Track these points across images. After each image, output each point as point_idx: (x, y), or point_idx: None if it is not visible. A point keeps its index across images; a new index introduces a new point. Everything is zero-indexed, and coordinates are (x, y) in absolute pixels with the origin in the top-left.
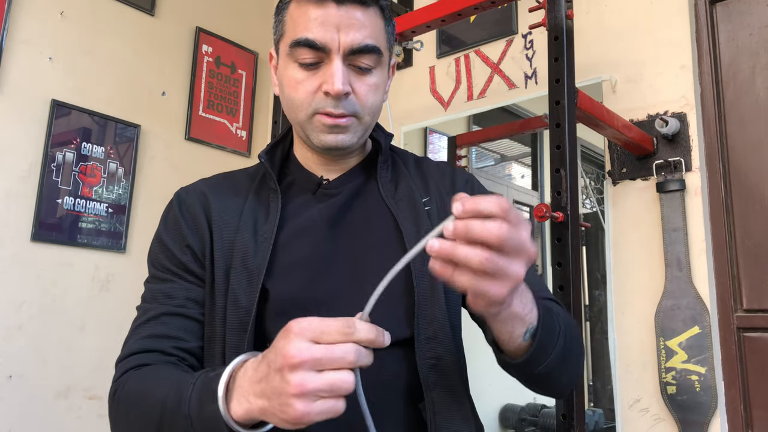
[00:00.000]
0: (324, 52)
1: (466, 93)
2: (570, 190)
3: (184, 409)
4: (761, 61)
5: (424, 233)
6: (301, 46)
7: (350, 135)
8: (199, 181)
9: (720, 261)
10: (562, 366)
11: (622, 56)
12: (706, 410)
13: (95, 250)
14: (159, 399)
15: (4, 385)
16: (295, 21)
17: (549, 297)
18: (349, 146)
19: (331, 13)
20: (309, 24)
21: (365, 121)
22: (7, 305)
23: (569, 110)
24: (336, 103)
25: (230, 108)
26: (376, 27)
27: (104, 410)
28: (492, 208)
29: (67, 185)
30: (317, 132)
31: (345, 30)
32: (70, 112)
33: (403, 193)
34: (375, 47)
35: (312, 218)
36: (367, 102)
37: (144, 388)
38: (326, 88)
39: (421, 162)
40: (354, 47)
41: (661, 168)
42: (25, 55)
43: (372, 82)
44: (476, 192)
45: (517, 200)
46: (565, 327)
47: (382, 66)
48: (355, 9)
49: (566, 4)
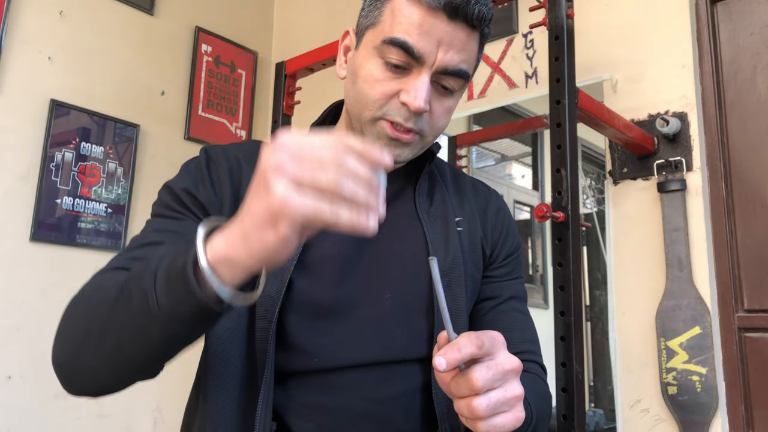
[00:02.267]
0: (416, 61)
1: (467, 93)
2: (570, 189)
3: (150, 268)
4: (762, 61)
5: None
6: (396, 46)
7: (408, 151)
8: (231, 144)
9: (721, 261)
10: None
11: (622, 56)
12: (707, 410)
13: (94, 250)
14: (122, 277)
15: (4, 385)
16: (397, 16)
17: (533, 359)
18: (403, 161)
19: (439, 25)
20: (412, 27)
21: (427, 140)
22: (6, 305)
23: (570, 110)
24: (409, 116)
25: (230, 108)
26: (473, 53)
27: (104, 410)
28: (471, 351)
29: (66, 185)
30: (376, 138)
31: (445, 47)
32: (69, 111)
33: (438, 208)
34: (466, 73)
35: None
36: (438, 123)
37: (106, 278)
38: (406, 99)
39: (458, 177)
40: (449, 68)
41: (662, 168)
42: (24, 55)
43: (448, 104)
44: (506, 225)
45: (517, 200)
46: (536, 410)
47: (462, 91)
48: (463, 29)
49: (567, 3)
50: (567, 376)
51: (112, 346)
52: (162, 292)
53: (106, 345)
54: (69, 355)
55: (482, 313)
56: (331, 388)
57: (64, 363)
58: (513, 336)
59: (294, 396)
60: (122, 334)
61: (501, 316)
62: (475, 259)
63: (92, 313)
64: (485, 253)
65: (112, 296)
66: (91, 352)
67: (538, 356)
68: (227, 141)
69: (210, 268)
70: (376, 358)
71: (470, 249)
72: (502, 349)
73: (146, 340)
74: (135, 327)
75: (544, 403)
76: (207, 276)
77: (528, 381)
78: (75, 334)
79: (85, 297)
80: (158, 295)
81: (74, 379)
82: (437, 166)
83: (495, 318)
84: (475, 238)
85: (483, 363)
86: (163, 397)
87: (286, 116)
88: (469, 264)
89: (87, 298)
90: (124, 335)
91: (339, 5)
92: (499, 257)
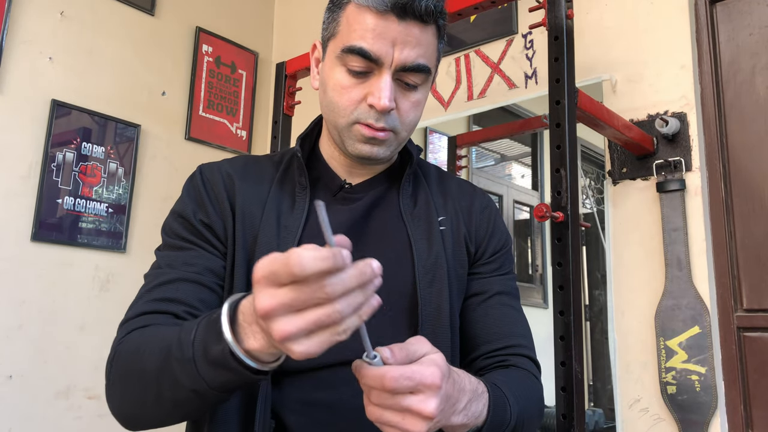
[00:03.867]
0: (375, 64)
1: (466, 93)
2: (570, 189)
3: (188, 353)
4: (761, 61)
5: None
6: (354, 54)
7: (385, 148)
8: (223, 161)
9: (720, 261)
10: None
11: (622, 56)
12: (707, 410)
13: (95, 250)
14: (159, 349)
15: (4, 385)
16: (352, 25)
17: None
18: (382, 158)
19: (390, 27)
20: (366, 33)
21: (402, 136)
22: (7, 305)
23: (569, 110)
24: (378, 116)
25: (230, 108)
26: (430, 46)
27: (104, 410)
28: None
29: (67, 185)
30: (354, 141)
31: (401, 46)
32: (70, 112)
33: (422, 209)
34: (426, 67)
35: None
36: (407, 118)
37: (144, 342)
38: (372, 101)
39: (443, 178)
40: (407, 65)
41: (662, 168)
42: (25, 55)
43: (415, 99)
44: (493, 223)
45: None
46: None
47: (427, 84)
48: (414, 26)
49: (566, 3)
50: (566, 375)
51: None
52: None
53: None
54: (130, 412)
55: (470, 309)
56: (323, 385)
57: (127, 417)
58: (502, 330)
59: (288, 393)
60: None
61: (489, 311)
62: (459, 257)
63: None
64: (470, 251)
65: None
66: (149, 412)
67: (529, 350)
68: (228, 141)
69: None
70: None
71: (453, 247)
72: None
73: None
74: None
75: (529, 402)
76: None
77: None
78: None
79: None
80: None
81: (137, 426)
82: (421, 168)
83: (483, 313)
84: (458, 236)
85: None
86: None
87: (287, 116)
88: (452, 262)
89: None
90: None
91: None
92: (485, 254)
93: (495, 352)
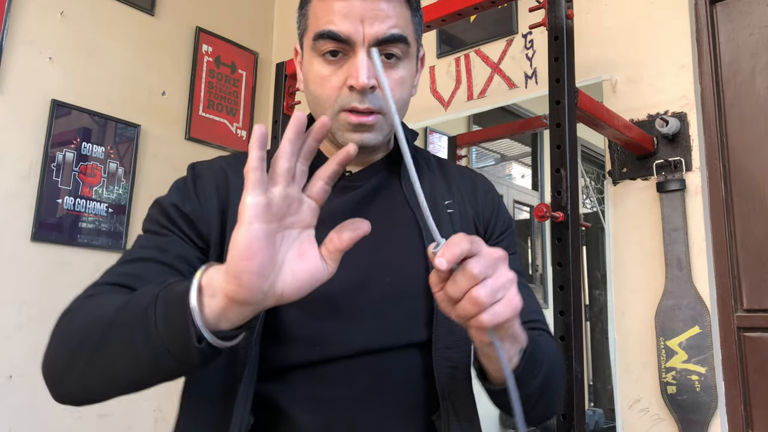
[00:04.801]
0: (348, 45)
1: (466, 93)
2: (570, 189)
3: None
4: (761, 61)
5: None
6: (325, 38)
7: (376, 133)
8: (217, 158)
9: (720, 261)
10: (541, 396)
11: (622, 56)
12: (707, 410)
13: (95, 250)
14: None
15: (4, 385)
16: (318, 14)
17: (540, 327)
18: (374, 145)
19: (354, 5)
20: (332, 16)
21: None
22: (7, 305)
23: (569, 110)
24: (361, 98)
25: (230, 108)
26: (402, 17)
27: (104, 410)
28: (466, 246)
29: (67, 185)
30: (342, 130)
31: (369, 21)
32: (70, 111)
33: (426, 194)
34: (401, 36)
35: (331, 210)
36: (394, 97)
37: (99, 302)
38: (351, 82)
39: (443, 164)
40: (379, 38)
41: (662, 168)
42: (25, 55)
43: (399, 75)
44: (495, 204)
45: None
46: (548, 360)
47: (409, 58)
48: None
49: (566, 3)
50: (566, 375)
51: (104, 360)
52: (160, 316)
53: (98, 358)
54: (61, 363)
55: None
56: (335, 381)
57: (54, 371)
58: None
59: (299, 390)
60: (116, 350)
61: None
62: None
63: (88, 327)
64: (479, 232)
65: (109, 314)
66: (82, 363)
67: (545, 325)
68: (228, 141)
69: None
70: (377, 344)
71: (463, 228)
72: (484, 245)
73: (136, 360)
74: (128, 345)
75: (553, 360)
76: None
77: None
78: (69, 344)
79: (81, 311)
80: (157, 318)
81: (62, 388)
82: (420, 155)
83: None
84: (467, 217)
85: (472, 257)
86: (164, 397)
87: (287, 116)
88: None
89: (83, 313)
90: (117, 351)
91: None
92: (493, 235)
93: None
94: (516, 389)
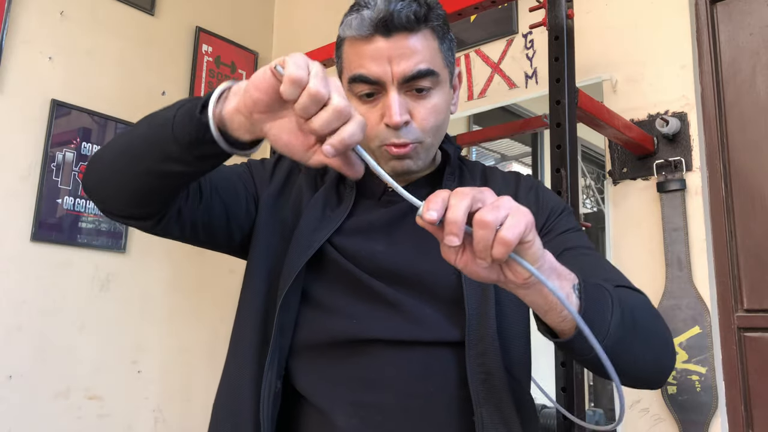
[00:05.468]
0: (379, 86)
1: (467, 93)
2: (570, 189)
3: (169, 112)
4: (762, 61)
5: None
6: (357, 81)
7: (415, 160)
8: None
9: (720, 261)
10: (629, 340)
11: (622, 56)
12: (707, 410)
13: (95, 250)
14: (143, 124)
15: (4, 385)
16: (350, 58)
17: (622, 284)
18: (415, 171)
19: (381, 47)
20: (362, 60)
21: (428, 143)
22: (7, 305)
23: (570, 110)
24: (397, 133)
25: None
26: (428, 49)
27: (104, 410)
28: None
29: (67, 185)
30: (385, 160)
31: (397, 60)
32: (70, 111)
33: None
34: (429, 70)
35: (371, 221)
36: (428, 126)
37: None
38: (386, 120)
39: (488, 173)
40: (407, 75)
41: (662, 167)
42: (25, 55)
43: (431, 104)
44: (540, 198)
45: None
46: (622, 299)
47: (441, 85)
48: (403, 37)
49: (567, 3)
50: (567, 376)
51: (130, 157)
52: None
53: (125, 157)
54: (97, 171)
55: None
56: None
57: (92, 182)
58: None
59: (339, 394)
60: (139, 145)
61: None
62: None
63: (119, 140)
64: None
65: (137, 138)
66: (113, 166)
67: (627, 283)
68: None
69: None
70: (409, 335)
71: None
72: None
73: (158, 154)
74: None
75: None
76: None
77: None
78: (104, 156)
79: (113, 143)
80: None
81: (101, 194)
82: (467, 167)
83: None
84: None
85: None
86: (164, 397)
87: None
88: None
89: (114, 143)
90: (140, 146)
91: (339, 5)
92: (544, 227)
93: None
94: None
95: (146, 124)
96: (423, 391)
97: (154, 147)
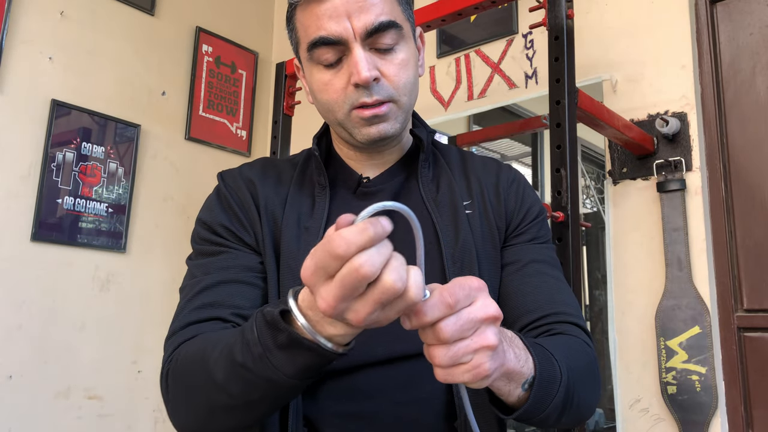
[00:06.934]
0: (343, 45)
1: (467, 93)
2: (570, 189)
3: (256, 350)
4: (762, 61)
5: (463, 236)
6: (318, 46)
7: (392, 122)
8: (242, 166)
9: (720, 261)
10: (563, 413)
11: (622, 56)
12: (707, 410)
13: (95, 250)
14: (221, 356)
15: (4, 385)
16: (305, 24)
17: (566, 319)
18: (393, 134)
19: (337, 4)
20: (319, 22)
21: (403, 102)
22: (7, 305)
23: (569, 110)
24: (368, 92)
25: (230, 108)
26: (387, 2)
27: (104, 410)
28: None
29: (67, 185)
30: (358, 127)
31: (356, 15)
32: (70, 111)
33: (445, 195)
34: (391, 22)
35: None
36: (400, 81)
37: (200, 352)
38: (354, 79)
39: (466, 158)
40: (369, 28)
41: (662, 168)
42: (25, 55)
43: (399, 59)
44: (522, 194)
45: None
46: (569, 371)
47: (405, 40)
48: None
49: (566, 3)
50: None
51: (241, 414)
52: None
53: (234, 414)
54: (198, 425)
55: (506, 279)
56: (360, 395)
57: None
58: (539, 298)
59: (325, 406)
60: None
61: (526, 279)
62: (490, 238)
63: (208, 394)
64: (500, 228)
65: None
66: (219, 420)
67: (576, 318)
68: (228, 141)
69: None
70: (399, 351)
71: (482, 229)
72: (480, 297)
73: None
74: (261, 396)
75: (578, 363)
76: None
77: (556, 341)
78: (198, 410)
79: (188, 376)
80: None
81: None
82: (442, 152)
83: (520, 282)
84: (486, 216)
85: (453, 314)
86: None
87: (287, 116)
88: (481, 245)
89: (190, 377)
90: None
91: None
92: (519, 226)
93: (537, 322)
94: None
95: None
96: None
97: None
